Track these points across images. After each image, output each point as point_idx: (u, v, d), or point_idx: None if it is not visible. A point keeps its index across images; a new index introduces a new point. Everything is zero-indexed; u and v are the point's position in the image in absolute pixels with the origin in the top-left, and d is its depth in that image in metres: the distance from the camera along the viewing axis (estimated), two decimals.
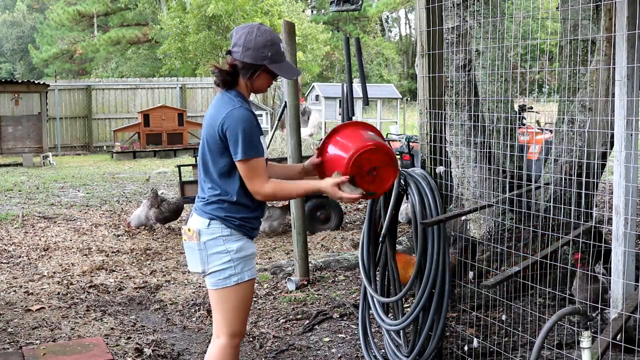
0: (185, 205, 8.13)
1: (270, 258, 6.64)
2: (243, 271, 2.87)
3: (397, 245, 5.27)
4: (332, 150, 3.04)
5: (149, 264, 6.55)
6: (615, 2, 3.19)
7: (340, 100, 16.24)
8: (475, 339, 3.81)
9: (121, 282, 5.87)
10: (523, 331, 4.00)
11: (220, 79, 2.85)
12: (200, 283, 5.70)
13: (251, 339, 4.42)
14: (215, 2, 21.11)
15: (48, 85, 18.07)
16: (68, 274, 6.14)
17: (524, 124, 8.24)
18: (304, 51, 23.34)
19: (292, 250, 6.11)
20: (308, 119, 16.57)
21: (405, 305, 4.13)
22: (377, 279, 3.80)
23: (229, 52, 2.86)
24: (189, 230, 2.89)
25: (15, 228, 8.17)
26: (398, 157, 9.30)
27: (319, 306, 4.96)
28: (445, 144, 3.88)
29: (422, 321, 3.45)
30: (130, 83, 21.32)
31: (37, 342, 4.36)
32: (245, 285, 2.89)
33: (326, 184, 2.88)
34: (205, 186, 2.89)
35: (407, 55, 39.41)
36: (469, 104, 4.73)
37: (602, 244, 4.16)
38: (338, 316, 4.74)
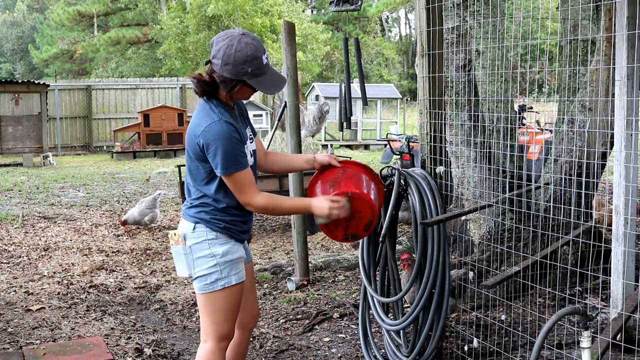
0: None
1: (270, 258, 6.64)
2: (230, 275, 2.84)
3: (397, 245, 5.27)
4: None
5: (149, 264, 6.55)
6: (615, 2, 3.19)
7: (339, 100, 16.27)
8: (475, 339, 3.81)
9: (121, 282, 5.88)
10: (523, 331, 4.00)
11: (200, 89, 2.78)
12: None
13: (251, 339, 4.42)
14: (215, 2, 21.14)
15: (48, 85, 18.07)
16: (68, 274, 6.14)
17: (524, 124, 8.24)
18: (304, 51, 23.37)
19: (292, 250, 6.11)
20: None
21: (405, 305, 4.13)
22: (377, 279, 3.80)
23: (209, 62, 2.77)
24: (175, 234, 2.88)
25: (15, 228, 8.17)
26: (398, 157, 9.30)
27: (319, 306, 4.96)
28: (445, 144, 3.88)
29: (422, 321, 3.45)
30: (130, 83, 21.32)
31: (37, 342, 4.36)
32: (233, 289, 2.86)
33: (318, 203, 2.92)
34: (192, 190, 2.89)
35: (407, 55, 39.42)
36: (469, 104, 4.73)
37: (602, 244, 4.17)
38: (338, 316, 4.74)
